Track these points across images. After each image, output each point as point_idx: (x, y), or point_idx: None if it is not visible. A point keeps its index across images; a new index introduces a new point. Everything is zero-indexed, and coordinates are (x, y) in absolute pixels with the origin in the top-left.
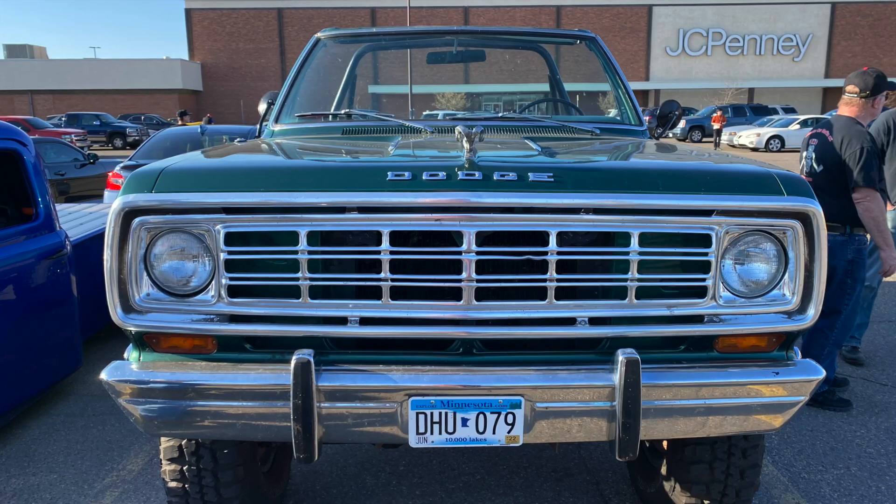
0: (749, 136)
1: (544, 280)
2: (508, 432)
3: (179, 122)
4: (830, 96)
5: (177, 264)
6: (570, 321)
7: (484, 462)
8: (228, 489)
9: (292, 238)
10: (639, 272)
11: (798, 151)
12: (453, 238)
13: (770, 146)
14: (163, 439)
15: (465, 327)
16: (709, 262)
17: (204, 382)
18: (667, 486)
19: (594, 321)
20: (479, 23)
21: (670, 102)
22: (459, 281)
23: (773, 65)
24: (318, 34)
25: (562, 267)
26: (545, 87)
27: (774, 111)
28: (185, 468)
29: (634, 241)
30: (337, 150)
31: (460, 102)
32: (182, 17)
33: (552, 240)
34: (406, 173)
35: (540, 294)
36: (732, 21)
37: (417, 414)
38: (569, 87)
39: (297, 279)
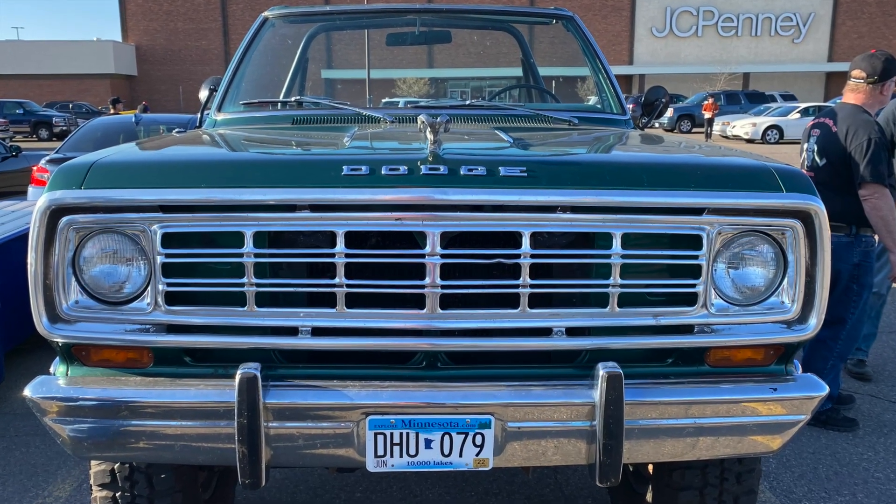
0: (744, 125)
1: (517, 286)
2: (477, 455)
3: (112, 111)
4: (834, 82)
5: (109, 268)
6: (546, 332)
7: (450, 488)
8: None
9: (237, 239)
10: (621, 277)
11: (798, 143)
12: (416, 239)
13: (767, 137)
14: (93, 463)
15: (429, 338)
16: (699, 267)
17: (138, 399)
18: None
19: (572, 332)
20: (445, 0)
21: (656, 89)
22: (422, 287)
23: (771, 47)
24: (266, 13)
25: (536, 271)
26: (517, 71)
27: (772, 98)
28: (117, 495)
29: (617, 242)
30: (286, 142)
31: (423, 89)
32: None
33: (525, 241)
34: (363, 167)
35: (512, 302)
36: None
37: (376, 434)
38: (543, 71)
39: (243, 285)
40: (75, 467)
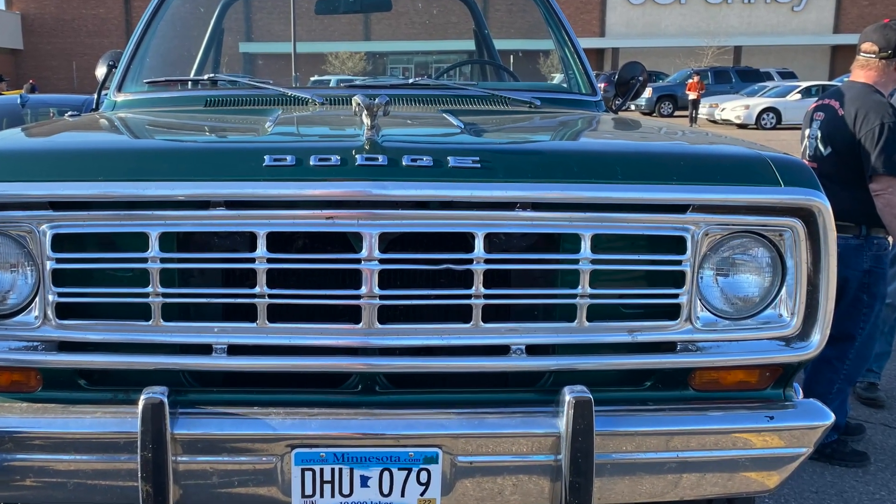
0: (735, 108)
1: (468, 296)
2: (422, 494)
3: None
4: (841, 57)
5: None
6: (502, 350)
7: None
8: None
9: (140, 241)
10: (591, 286)
11: (799, 129)
12: (350, 242)
13: (762, 122)
14: None
15: (365, 358)
16: (682, 274)
17: (24, 430)
18: None
19: (533, 350)
20: None
21: (632, 65)
22: (357, 297)
23: (767, 16)
24: None
25: (491, 279)
26: (469, 44)
27: (768, 76)
28: None
29: (586, 245)
30: (198, 127)
31: (359, 65)
32: None
33: (479, 244)
34: (288, 157)
35: (463, 315)
36: None
37: (303, 471)
38: (500, 45)
39: (147, 295)
40: None
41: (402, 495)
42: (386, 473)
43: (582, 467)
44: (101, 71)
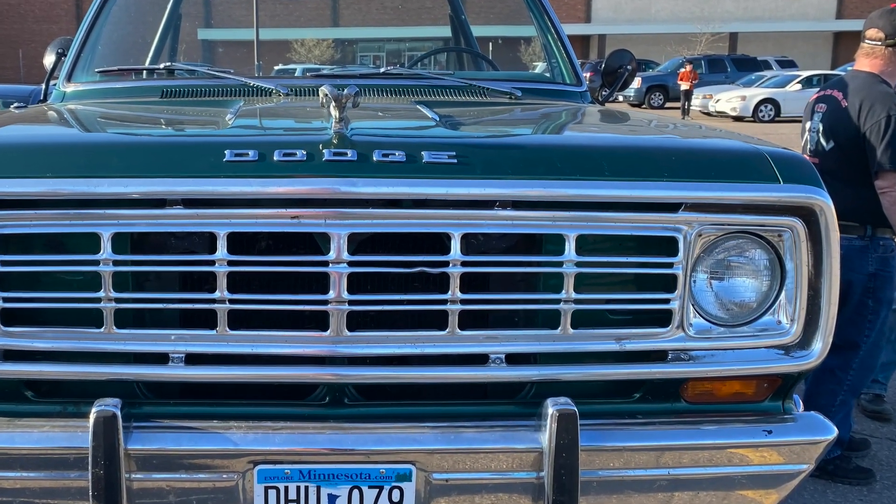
0: (731, 99)
1: (444, 301)
2: None
3: None
4: (844, 44)
5: None
6: (481, 359)
7: None
8: None
9: (91, 243)
10: (576, 291)
11: (799, 122)
12: (317, 243)
13: (760, 114)
14: None
15: (333, 368)
16: (674, 277)
17: None
18: None
19: (513, 359)
20: None
21: (620, 53)
22: (325, 303)
23: (765, 0)
24: None
25: (469, 283)
26: (445, 31)
27: (766, 65)
28: None
29: (570, 246)
30: (154, 120)
31: (326, 53)
32: None
33: (455, 245)
34: (250, 152)
35: (438, 321)
36: None
37: (266, 488)
38: (478, 31)
39: (99, 300)
40: None
41: None
42: (355, 492)
43: (566, 485)
44: (49, 59)
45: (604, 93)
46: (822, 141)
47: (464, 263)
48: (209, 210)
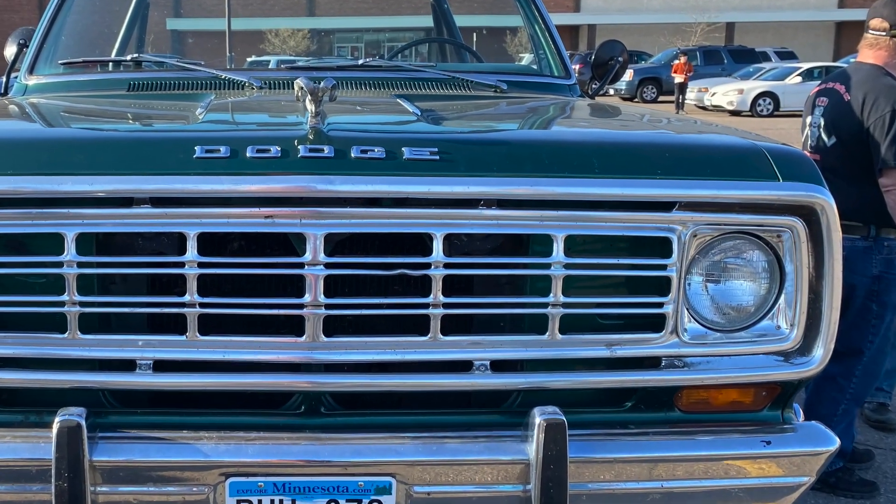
0: (727, 92)
1: (425, 305)
2: None
3: None
4: (847, 34)
5: None
6: (464, 366)
7: None
8: None
9: (55, 243)
10: (564, 294)
11: (799, 116)
12: (292, 244)
13: (758, 108)
14: None
15: (309, 375)
16: (668, 280)
17: None
18: None
19: (499, 366)
20: None
21: (611, 44)
22: (300, 307)
23: None
24: None
25: (451, 286)
26: (427, 21)
27: (765, 56)
28: None
29: (558, 247)
30: (120, 114)
31: (302, 44)
32: None
33: (437, 246)
34: (221, 148)
35: (419, 326)
36: None
37: (239, 502)
38: (461, 21)
39: (63, 304)
40: None
41: None
42: None
43: (554, 499)
44: (10, 51)
45: (594, 86)
46: (824, 136)
47: (446, 265)
48: (178, 209)
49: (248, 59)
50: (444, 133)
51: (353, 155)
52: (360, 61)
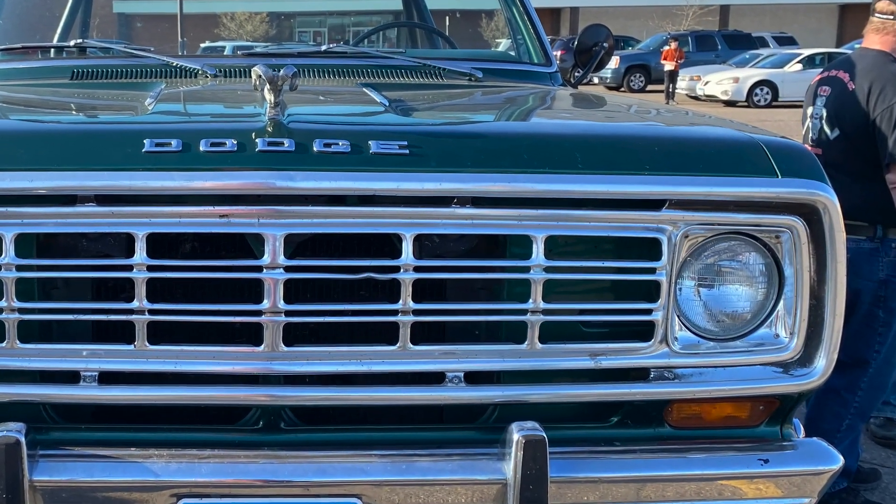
0: (722, 81)
1: (394, 312)
2: None
3: None
4: (851, 18)
5: None
6: (436, 378)
7: None
8: None
9: None
10: (545, 300)
11: (800, 107)
12: (250, 246)
13: (755, 98)
14: None
15: (268, 388)
16: (657, 284)
17: None
18: None
19: (473, 378)
20: None
21: (595, 29)
22: (258, 314)
23: None
24: None
25: (422, 292)
26: (396, 3)
27: (762, 42)
28: None
29: (538, 249)
30: (63, 105)
31: (260, 28)
32: None
33: (407, 248)
34: (173, 142)
35: (388, 335)
36: None
37: None
38: (433, 3)
39: (1, 311)
40: None
41: None
42: None
43: None
44: None
45: (577, 74)
46: (826, 129)
47: (417, 269)
48: (126, 208)
49: (202, 45)
50: (414, 125)
51: (315, 149)
52: (324, 47)
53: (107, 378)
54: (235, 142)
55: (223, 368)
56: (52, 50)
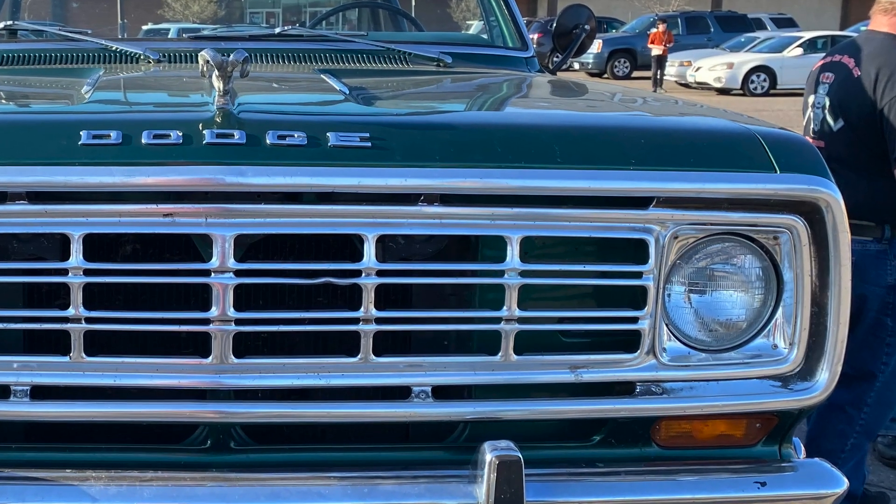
0: (715, 67)
1: (355, 320)
2: None
3: None
4: (855, 0)
5: None
6: (401, 392)
7: None
8: None
9: None
10: (520, 307)
11: (800, 95)
12: (196, 248)
13: (751, 85)
14: None
15: (216, 403)
16: (643, 290)
17: None
18: None
19: (442, 392)
20: None
21: (576, 9)
22: (206, 322)
23: None
24: None
25: (386, 298)
26: None
27: (759, 24)
28: None
29: (513, 251)
30: None
31: (208, 9)
32: None
33: (369, 250)
34: (112, 133)
35: (348, 345)
36: None
37: None
38: None
39: None
40: None
41: None
42: None
43: None
44: None
45: (555, 59)
46: (829, 119)
47: (380, 273)
48: (61, 206)
49: (144, 28)
50: (376, 115)
51: (268, 141)
52: (277, 30)
53: (40, 392)
54: (181, 133)
55: (167, 382)
56: None
